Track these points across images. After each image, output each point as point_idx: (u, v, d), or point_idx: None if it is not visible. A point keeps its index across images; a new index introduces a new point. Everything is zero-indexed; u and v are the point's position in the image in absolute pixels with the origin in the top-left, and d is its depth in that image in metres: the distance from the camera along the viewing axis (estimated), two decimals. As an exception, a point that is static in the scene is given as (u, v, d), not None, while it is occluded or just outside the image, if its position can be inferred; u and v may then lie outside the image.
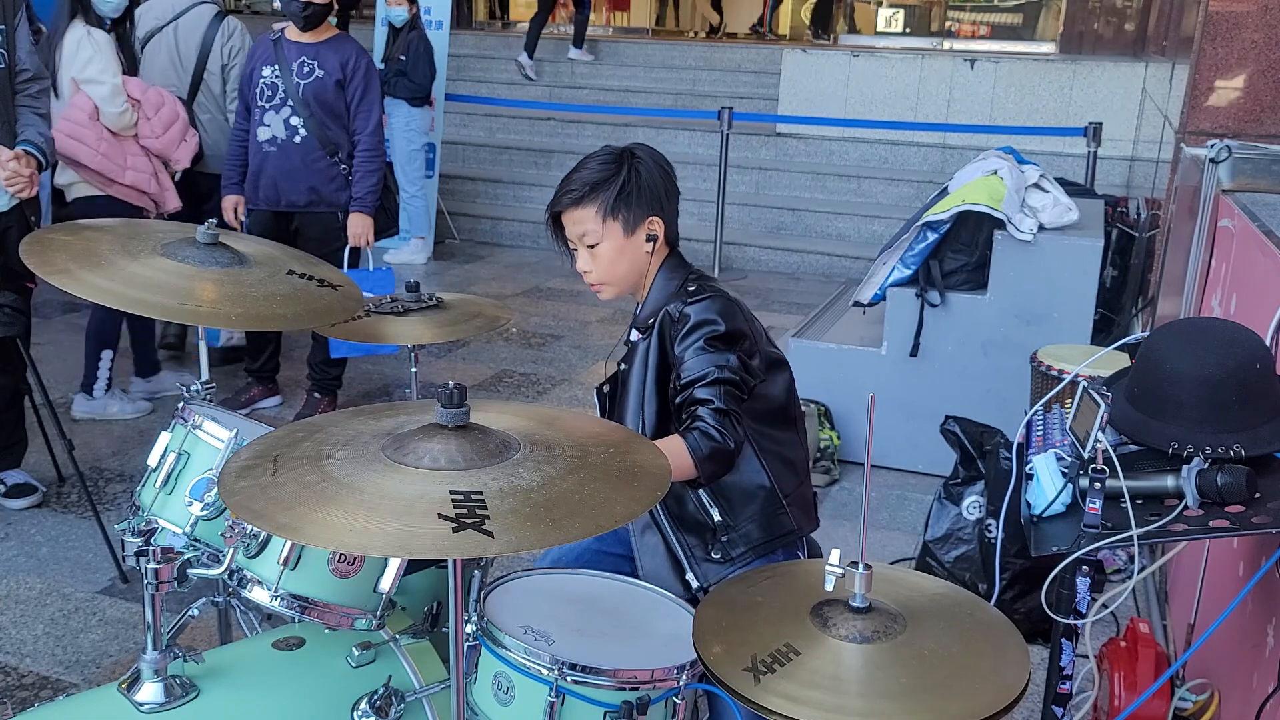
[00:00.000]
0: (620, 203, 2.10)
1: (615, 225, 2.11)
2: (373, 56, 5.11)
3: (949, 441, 3.34)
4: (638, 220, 2.12)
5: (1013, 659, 1.47)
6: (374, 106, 4.50)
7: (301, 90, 4.41)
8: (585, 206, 2.11)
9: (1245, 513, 1.60)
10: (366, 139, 4.49)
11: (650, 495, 1.50)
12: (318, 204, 4.51)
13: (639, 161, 2.13)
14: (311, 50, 4.43)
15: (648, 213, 2.12)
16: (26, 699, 2.84)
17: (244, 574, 1.87)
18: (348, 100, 4.47)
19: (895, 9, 14.95)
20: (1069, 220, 4.32)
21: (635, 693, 1.67)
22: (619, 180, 2.10)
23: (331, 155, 4.47)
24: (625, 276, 2.16)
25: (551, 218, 2.17)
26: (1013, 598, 3.15)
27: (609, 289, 2.18)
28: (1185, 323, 1.88)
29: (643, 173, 2.12)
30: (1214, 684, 2.20)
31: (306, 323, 2.13)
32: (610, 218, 2.11)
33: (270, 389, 5.00)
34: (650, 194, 2.12)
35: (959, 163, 6.47)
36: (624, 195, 2.10)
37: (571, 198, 2.12)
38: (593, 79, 10.29)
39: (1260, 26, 4.20)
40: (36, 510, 3.87)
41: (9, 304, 3.49)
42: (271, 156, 4.46)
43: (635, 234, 2.12)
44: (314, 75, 4.41)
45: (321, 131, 4.43)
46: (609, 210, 2.10)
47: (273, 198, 4.51)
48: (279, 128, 4.44)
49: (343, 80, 4.43)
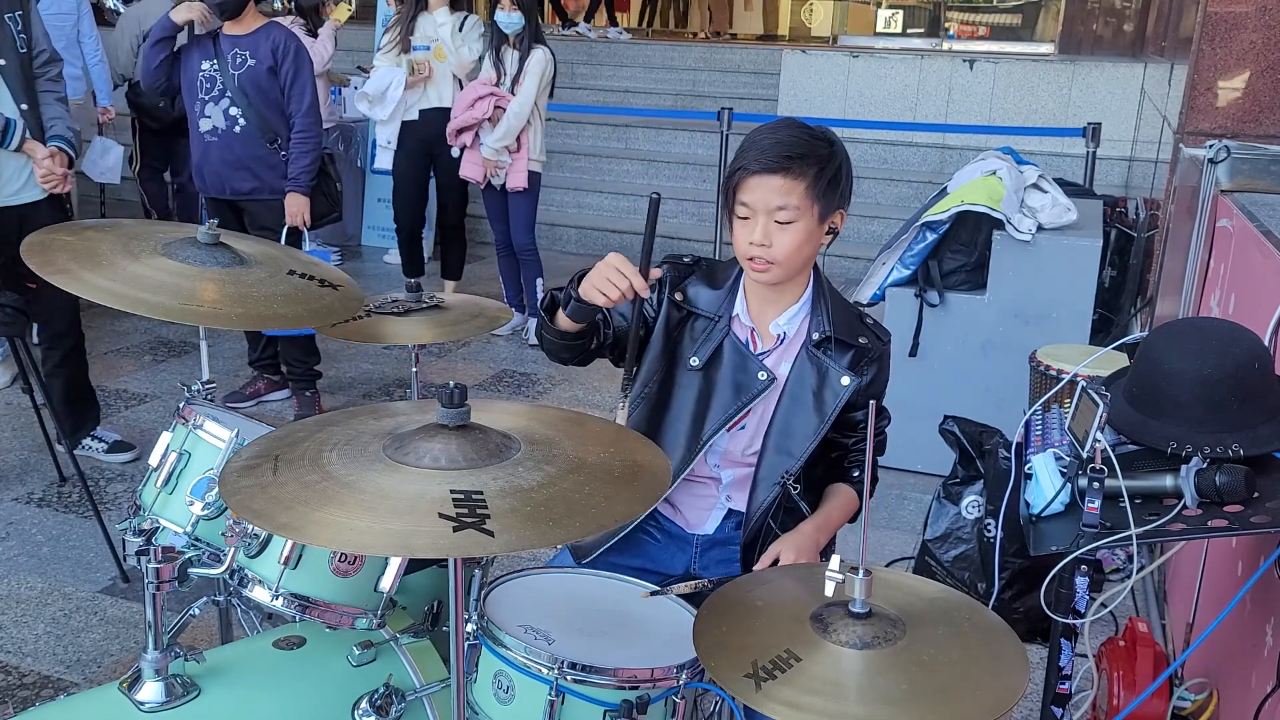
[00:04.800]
0: (830, 185, 1.94)
1: (815, 209, 1.94)
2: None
3: (948, 441, 3.33)
4: (831, 209, 1.96)
5: (1011, 664, 1.48)
6: (306, 88, 4.59)
7: (237, 80, 4.50)
8: (797, 179, 1.91)
9: (1244, 512, 1.60)
10: (300, 120, 4.59)
11: (650, 495, 1.51)
12: (261, 190, 4.62)
13: (838, 144, 1.98)
14: (244, 41, 4.53)
15: (840, 205, 1.98)
16: (27, 698, 2.85)
17: (245, 573, 1.87)
18: (281, 85, 4.55)
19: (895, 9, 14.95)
20: (1068, 220, 4.32)
21: (635, 692, 1.68)
22: (834, 162, 1.95)
23: (271, 143, 4.57)
24: (800, 265, 2.00)
25: (744, 174, 1.93)
26: (1011, 597, 3.14)
27: (778, 271, 1.98)
28: (1184, 323, 1.89)
29: (846, 159, 1.98)
30: (1213, 683, 2.20)
31: (307, 322, 2.13)
32: (817, 199, 1.93)
33: (275, 382, 5.05)
34: (846, 185, 1.98)
35: (958, 163, 6.47)
36: (835, 179, 1.95)
37: (781, 163, 1.90)
38: (593, 79, 10.29)
39: (1259, 27, 4.20)
40: (37, 510, 3.87)
41: (9, 304, 3.49)
42: (214, 146, 4.57)
43: (823, 224, 1.97)
44: (246, 65, 4.50)
45: (260, 120, 4.53)
46: (819, 192, 1.92)
47: (218, 186, 4.63)
48: (219, 118, 4.55)
49: (274, 66, 4.52)
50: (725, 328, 2.07)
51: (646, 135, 9.17)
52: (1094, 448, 1.71)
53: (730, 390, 2.05)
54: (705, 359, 2.05)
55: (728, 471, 2.12)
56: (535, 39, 5.61)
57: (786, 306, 2.08)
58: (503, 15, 5.52)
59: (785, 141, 1.93)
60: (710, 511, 2.16)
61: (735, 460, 2.11)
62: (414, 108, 6.09)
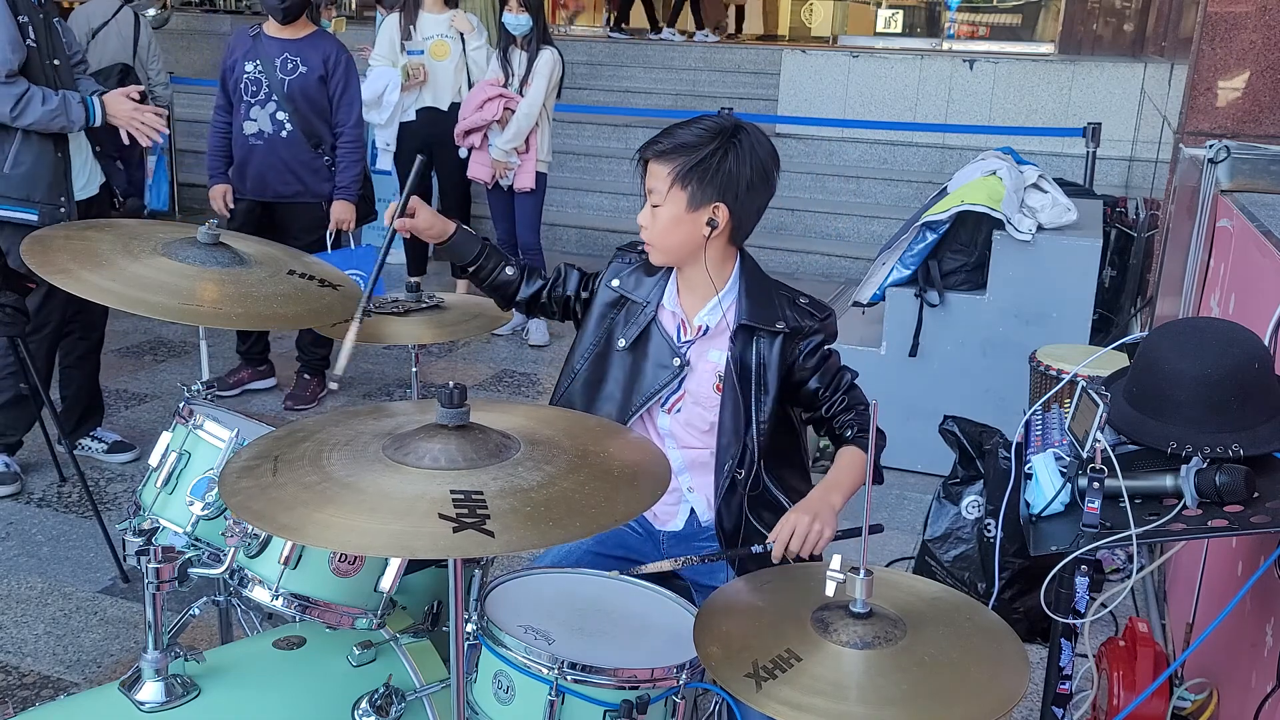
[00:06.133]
0: (693, 175, 2.04)
1: (681, 195, 2.05)
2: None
3: (948, 441, 3.33)
4: (704, 199, 2.05)
5: (1012, 664, 1.48)
6: (355, 100, 4.67)
7: (287, 86, 4.54)
8: (663, 164, 2.06)
9: (1244, 512, 1.60)
10: (349, 131, 4.67)
11: (650, 494, 1.51)
12: (303, 194, 4.68)
13: (736, 143, 2.05)
14: (294, 47, 4.56)
15: (716, 197, 2.05)
16: (27, 698, 2.85)
17: (245, 573, 1.87)
18: (330, 95, 4.61)
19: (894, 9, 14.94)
20: (1068, 220, 4.32)
21: (635, 692, 1.68)
22: (703, 152, 2.03)
23: (315, 148, 4.63)
24: (675, 249, 2.11)
25: (641, 160, 2.12)
26: (1011, 597, 3.14)
27: (656, 253, 2.14)
28: (1184, 323, 1.88)
29: (731, 156, 2.04)
30: (1213, 683, 2.20)
31: (307, 322, 2.14)
32: (679, 185, 2.05)
33: (261, 371, 5.09)
34: (727, 180, 2.04)
35: (958, 163, 6.47)
36: (700, 169, 2.03)
37: (655, 150, 2.07)
38: (593, 79, 10.29)
39: (1259, 27, 4.20)
40: (37, 510, 3.87)
41: (10, 304, 3.49)
42: (258, 150, 4.62)
43: (697, 212, 2.06)
44: (298, 71, 4.54)
45: (306, 125, 4.58)
46: (680, 177, 2.04)
47: (260, 189, 4.68)
48: (265, 122, 4.59)
49: (325, 76, 4.58)
50: (652, 314, 2.18)
51: (646, 135, 9.05)
52: (1094, 448, 1.71)
53: (652, 372, 2.17)
54: (631, 341, 2.18)
55: (675, 454, 2.20)
56: (543, 40, 5.62)
57: (706, 299, 2.17)
58: (510, 16, 5.54)
59: (674, 131, 2.08)
60: (676, 507, 2.24)
61: (686, 444, 2.21)
62: (410, 109, 6.11)
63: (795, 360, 2.14)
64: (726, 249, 2.14)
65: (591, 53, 10.62)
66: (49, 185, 3.72)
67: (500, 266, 2.27)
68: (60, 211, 3.73)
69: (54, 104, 3.64)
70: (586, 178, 8.79)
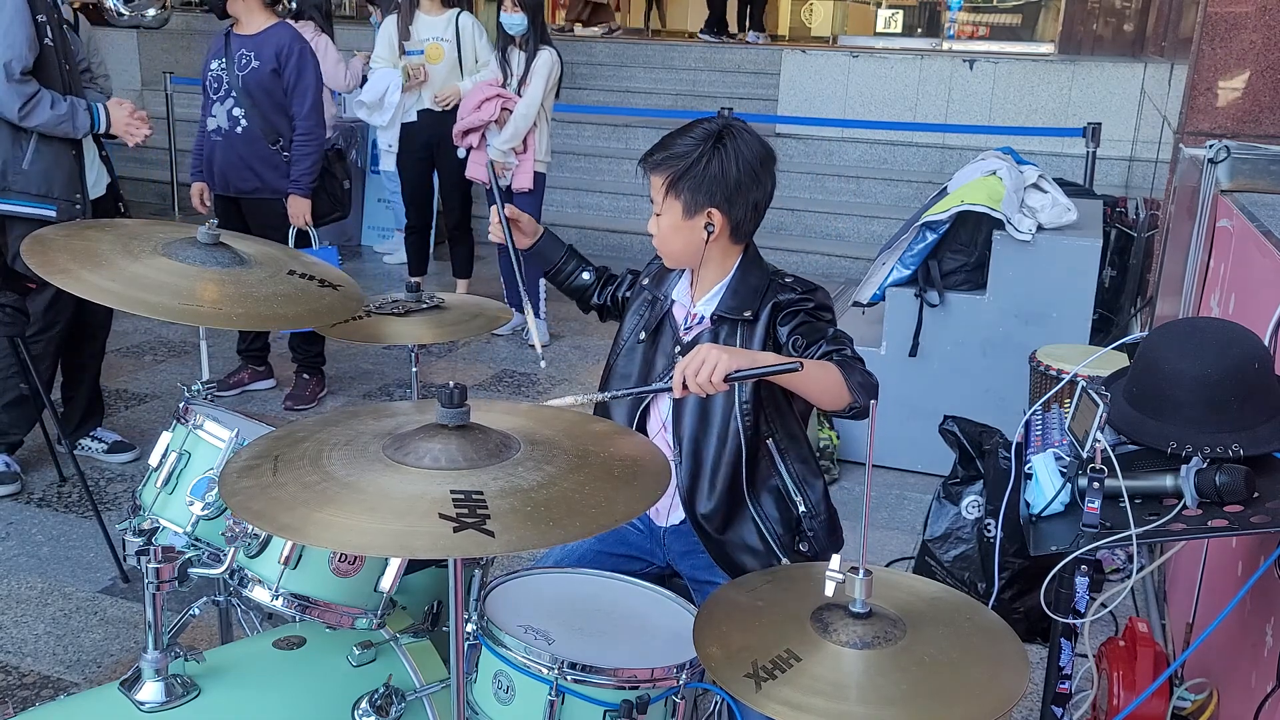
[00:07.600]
0: (683, 184, 2.07)
1: (676, 204, 2.09)
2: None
3: (948, 441, 3.34)
4: (697, 206, 2.08)
5: (1011, 664, 1.48)
6: (309, 90, 4.61)
7: (242, 81, 4.54)
8: (657, 174, 2.11)
9: (1244, 512, 1.60)
10: (302, 122, 4.61)
11: (650, 494, 1.51)
12: (262, 190, 4.66)
13: (722, 148, 2.06)
14: (250, 42, 4.56)
15: (708, 203, 2.07)
16: (27, 698, 2.85)
17: (245, 573, 1.87)
18: (285, 86, 4.58)
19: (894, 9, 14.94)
20: (1068, 220, 4.32)
21: (635, 692, 1.68)
22: (689, 160, 2.06)
23: (274, 143, 4.60)
24: (679, 253, 2.16)
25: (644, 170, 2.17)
26: (1011, 597, 3.14)
27: (665, 258, 2.21)
28: (1184, 323, 1.88)
29: (716, 161, 2.06)
30: (1213, 683, 2.20)
31: (307, 322, 2.13)
32: (673, 195, 2.09)
33: (260, 371, 5.10)
34: (717, 185, 2.06)
35: (958, 163, 6.47)
36: (689, 177, 2.06)
37: (650, 161, 2.12)
38: (593, 79, 10.28)
39: (1259, 27, 4.20)
40: (37, 510, 3.87)
41: (10, 304, 3.50)
42: (218, 146, 4.64)
43: (694, 219, 2.09)
44: (250, 65, 4.54)
45: (263, 120, 4.56)
46: (672, 187, 2.08)
47: (224, 185, 4.69)
48: (223, 118, 4.60)
49: (278, 68, 4.55)
50: (667, 307, 2.23)
51: (646, 135, 9.16)
52: (1094, 448, 1.71)
53: (660, 362, 2.20)
54: (649, 333, 2.23)
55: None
56: (541, 40, 5.62)
57: (707, 291, 2.20)
58: (506, 16, 5.54)
59: (667, 141, 2.12)
60: (673, 499, 2.24)
61: None
62: (411, 109, 6.11)
63: (778, 334, 2.13)
64: (729, 247, 2.16)
65: (591, 53, 10.62)
66: (66, 182, 3.75)
67: (578, 271, 2.41)
68: (77, 208, 3.76)
69: (63, 110, 3.67)
70: (586, 178, 8.79)
